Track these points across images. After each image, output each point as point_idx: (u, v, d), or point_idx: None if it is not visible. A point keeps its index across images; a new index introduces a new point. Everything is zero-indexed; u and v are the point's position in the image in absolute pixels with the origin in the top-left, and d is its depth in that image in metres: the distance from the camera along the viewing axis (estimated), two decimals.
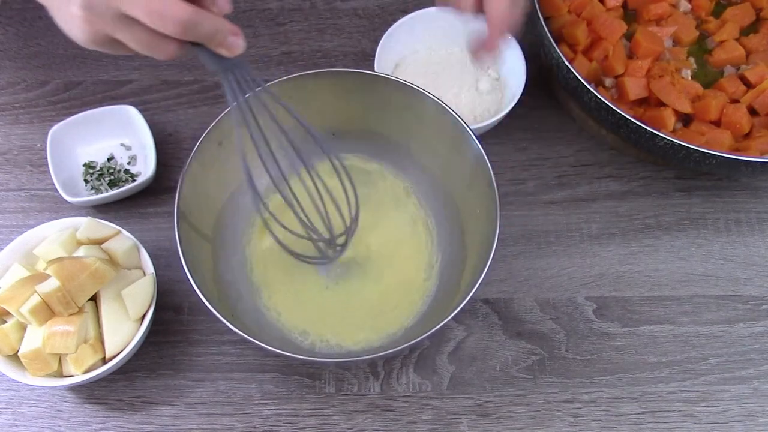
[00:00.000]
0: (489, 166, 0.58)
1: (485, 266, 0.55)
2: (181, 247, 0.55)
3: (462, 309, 0.52)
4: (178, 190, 0.56)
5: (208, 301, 0.53)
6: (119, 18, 0.42)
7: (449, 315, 0.53)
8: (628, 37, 0.72)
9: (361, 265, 0.64)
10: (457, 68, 0.74)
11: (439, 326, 0.53)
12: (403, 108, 0.63)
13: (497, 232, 0.56)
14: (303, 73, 0.62)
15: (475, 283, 0.54)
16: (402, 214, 0.67)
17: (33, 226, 0.61)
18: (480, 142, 0.59)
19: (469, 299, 0.53)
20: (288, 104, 0.51)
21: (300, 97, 0.63)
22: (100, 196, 0.67)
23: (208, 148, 0.60)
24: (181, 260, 0.54)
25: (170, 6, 0.41)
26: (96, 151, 0.71)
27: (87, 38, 0.44)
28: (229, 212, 0.65)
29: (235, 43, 0.45)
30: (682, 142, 0.61)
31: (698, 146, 0.60)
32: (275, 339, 0.60)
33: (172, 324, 0.63)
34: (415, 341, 0.53)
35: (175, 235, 0.55)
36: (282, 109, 0.51)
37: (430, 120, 0.62)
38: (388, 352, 0.53)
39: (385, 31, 0.71)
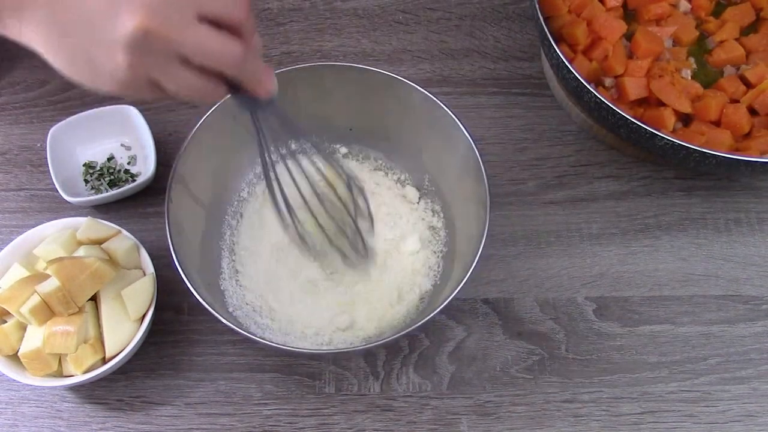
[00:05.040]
0: (479, 158, 0.58)
1: (473, 261, 0.54)
2: (174, 250, 0.55)
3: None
4: (167, 192, 0.57)
5: (205, 301, 0.53)
6: (172, 60, 0.39)
7: (437, 308, 0.53)
8: (628, 37, 0.72)
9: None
10: None
11: (425, 320, 0.53)
12: (403, 106, 0.63)
13: (486, 227, 0.56)
14: (303, 65, 0.63)
15: (462, 280, 0.54)
16: (399, 209, 0.67)
17: (33, 226, 0.61)
18: (471, 136, 0.59)
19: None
20: (321, 151, 0.55)
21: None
22: (100, 196, 0.67)
23: (198, 147, 0.60)
24: (175, 262, 0.54)
25: (226, 43, 0.40)
26: (96, 151, 0.71)
27: (124, 85, 0.39)
28: (218, 212, 0.65)
29: (270, 84, 0.44)
30: (682, 142, 0.61)
31: (698, 146, 0.60)
32: (273, 336, 0.60)
33: (172, 324, 0.63)
34: (401, 333, 0.53)
35: (169, 243, 0.55)
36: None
37: (420, 113, 0.63)
38: (380, 341, 0.53)
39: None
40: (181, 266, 0.54)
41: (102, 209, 0.68)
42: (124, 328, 0.57)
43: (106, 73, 0.39)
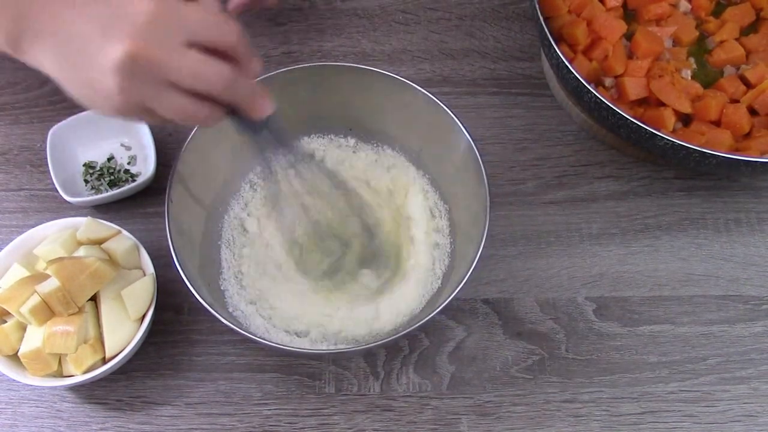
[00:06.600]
0: (479, 158, 0.58)
1: (473, 261, 0.54)
2: (174, 250, 0.55)
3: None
4: (167, 192, 0.57)
5: (205, 301, 0.53)
6: (162, 84, 0.40)
7: (437, 308, 0.53)
8: (628, 37, 0.72)
9: (361, 261, 0.64)
10: None
11: (425, 320, 0.53)
12: (403, 106, 0.63)
13: (486, 227, 0.56)
14: (303, 65, 0.64)
15: (462, 280, 0.54)
16: (404, 209, 0.67)
17: (33, 226, 0.61)
18: (471, 136, 0.59)
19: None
20: (319, 165, 0.57)
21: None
22: (100, 196, 0.67)
23: (198, 147, 0.60)
24: (175, 262, 0.54)
25: (214, 66, 0.41)
26: (96, 152, 0.71)
27: (118, 109, 0.42)
28: (218, 212, 0.65)
29: (265, 105, 0.45)
30: (682, 142, 0.61)
31: (698, 146, 0.60)
32: (273, 336, 0.60)
33: (172, 324, 0.63)
34: (401, 333, 0.53)
35: (169, 243, 0.55)
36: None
37: (420, 113, 0.63)
38: (380, 341, 0.53)
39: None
40: (181, 266, 0.54)
41: (102, 209, 0.68)
42: (124, 328, 0.57)
43: (102, 97, 0.41)
